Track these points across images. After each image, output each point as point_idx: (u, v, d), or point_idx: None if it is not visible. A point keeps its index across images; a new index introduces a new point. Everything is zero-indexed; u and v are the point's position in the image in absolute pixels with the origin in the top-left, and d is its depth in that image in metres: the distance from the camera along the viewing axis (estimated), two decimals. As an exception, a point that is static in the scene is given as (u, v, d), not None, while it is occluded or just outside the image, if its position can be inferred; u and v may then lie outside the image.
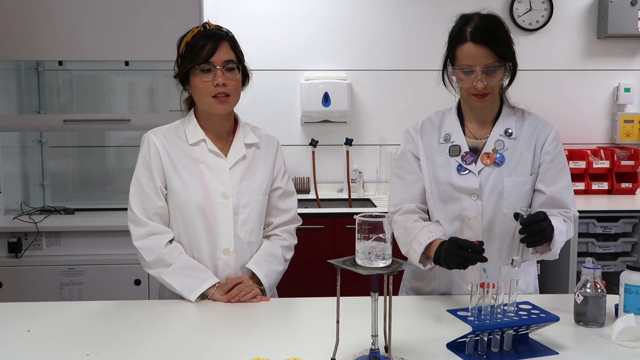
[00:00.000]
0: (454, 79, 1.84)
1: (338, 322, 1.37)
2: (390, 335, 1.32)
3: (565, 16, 3.99)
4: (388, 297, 1.31)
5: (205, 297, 1.84)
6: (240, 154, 1.92)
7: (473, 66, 1.76)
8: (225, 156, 1.91)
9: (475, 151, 1.89)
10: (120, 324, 1.67)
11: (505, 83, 1.87)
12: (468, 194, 1.85)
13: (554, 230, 1.70)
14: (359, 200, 3.76)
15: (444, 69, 1.88)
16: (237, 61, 1.86)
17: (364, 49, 3.94)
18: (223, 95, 1.82)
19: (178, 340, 1.54)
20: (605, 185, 3.78)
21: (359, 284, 2.08)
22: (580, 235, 3.35)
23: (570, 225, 1.83)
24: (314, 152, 3.85)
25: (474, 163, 1.87)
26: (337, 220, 3.26)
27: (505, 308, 1.46)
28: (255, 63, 3.82)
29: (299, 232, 2.12)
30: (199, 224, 1.86)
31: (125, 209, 1.91)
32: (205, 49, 1.79)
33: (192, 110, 1.94)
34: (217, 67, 1.81)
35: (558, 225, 1.74)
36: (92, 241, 2.99)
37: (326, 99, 3.78)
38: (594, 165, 3.77)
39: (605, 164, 3.78)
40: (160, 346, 1.51)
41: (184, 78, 1.86)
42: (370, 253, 1.30)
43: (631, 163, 3.77)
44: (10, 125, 3.17)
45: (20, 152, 3.48)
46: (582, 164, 3.75)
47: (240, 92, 1.90)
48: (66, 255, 2.97)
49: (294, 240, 2.05)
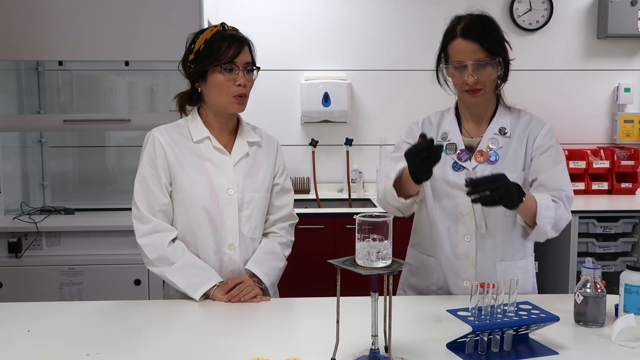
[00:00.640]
0: (449, 77, 1.89)
1: (338, 322, 1.37)
2: (390, 335, 1.32)
3: (565, 16, 3.99)
4: (388, 297, 1.31)
5: (207, 297, 1.84)
6: (244, 151, 1.95)
7: (464, 61, 1.80)
8: (229, 153, 1.93)
9: (471, 149, 1.92)
10: (121, 324, 1.67)
11: (499, 80, 1.90)
12: (462, 190, 1.86)
13: (521, 195, 1.68)
14: (359, 200, 3.77)
15: (438, 67, 1.92)
16: (254, 64, 1.91)
17: (364, 49, 3.94)
18: (242, 96, 1.87)
19: (178, 340, 1.54)
20: (605, 185, 3.79)
21: (359, 284, 2.09)
22: (580, 235, 3.35)
23: (562, 206, 1.81)
24: (314, 152, 3.85)
25: (469, 160, 1.90)
26: (337, 220, 3.26)
27: (505, 308, 1.46)
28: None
29: (299, 232, 2.12)
30: (205, 219, 1.88)
31: (125, 209, 1.92)
32: (231, 49, 1.83)
33: (196, 109, 1.96)
34: (240, 68, 1.85)
35: (542, 199, 1.75)
36: (92, 241, 2.99)
37: (326, 99, 3.78)
38: (594, 165, 3.77)
39: (605, 164, 3.79)
40: (160, 346, 1.51)
41: (197, 75, 1.88)
42: (370, 253, 1.30)
43: (631, 163, 3.77)
44: (10, 125, 3.18)
45: (20, 152, 3.48)
46: (582, 164, 3.75)
47: None
48: (66, 255, 2.97)
49: (290, 237, 2.06)
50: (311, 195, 3.79)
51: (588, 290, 1.61)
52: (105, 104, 3.66)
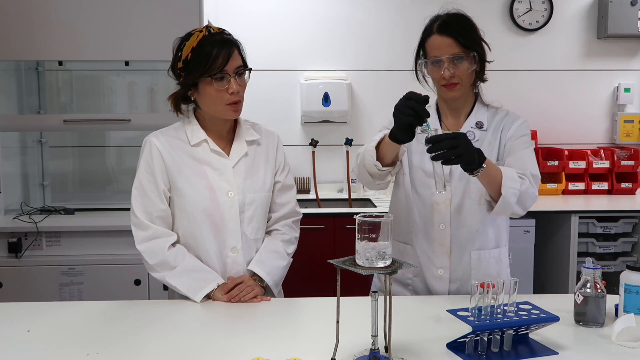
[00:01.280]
0: (427, 74, 1.95)
1: (338, 322, 1.37)
2: (390, 335, 1.32)
3: (565, 16, 3.99)
4: (388, 297, 1.31)
5: (209, 297, 1.84)
6: (242, 152, 1.93)
7: (440, 56, 1.87)
8: (228, 155, 1.91)
9: None
10: (121, 324, 1.67)
11: (477, 80, 1.95)
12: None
13: (481, 159, 1.68)
14: (359, 200, 3.77)
15: (416, 64, 1.98)
16: (245, 65, 1.87)
17: (364, 49, 3.94)
18: (236, 102, 1.84)
19: (178, 340, 1.54)
20: (605, 185, 3.78)
21: (359, 284, 2.09)
22: (580, 235, 3.35)
23: (526, 182, 1.81)
24: (314, 152, 3.85)
25: None
26: (337, 220, 3.26)
27: (505, 308, 1.46)
28: (255, 63, 3.82)
29: (299, 232, 2.11)
30: (206, 223, 1.87)
31: (125, 209, 1.91)
32: (219, 57, 1.77)
33: (192, 111, 1.94)
34: (231, 75, 1.80)
35: (507, 171, 1.77)
36: (92, 241, 2.99)
37: (326, 99, 3.78)
38: (594, 165, 3.77)
39: (605, 164, 3.78)
40: (160, 346, 1.51)
41: (189, 85, 1.84)
42: (370, 253, 1.30)
43: (631, 163, 3.77)
44: (10, 125, 3.18)
45: (20, 152, 3.48)
46: (582, 164, 3.75)
47: None
48: (66, 255, 2.97)
49: (294, 233, 2.04)
50: (311, 195, 3.79)
51: (588, 290, 1.61)
52: (105, 104, 3.66)
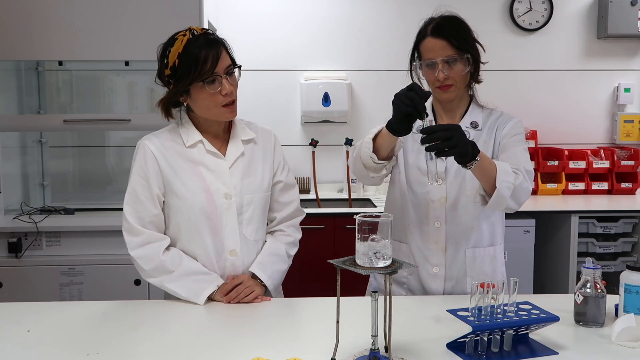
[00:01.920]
0: (422, 76, 1.96)
1: (338, 322, 1.37)
2: (390, 335, 1.32)
3: (565, 16, 3.99)
4: (388, 297, 1.31)
5: (210, 299, 1.82)
6: (239, 151, 1.89)
7: (433, 58, 1.88)
8: (224, 155, 1.88)
9: None
10: (120, 324, 1.67)
11: (472, 80, 1.96)
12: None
13: (475, 151, 1.67)
14: (359, 200, 3.77)
15: (411, 66, 1.99)
16: (233, 63, 1.82)
17: (364, 49, 3.94)
18: (231, 102, 1.80)
19: (178, 340, 1.54)
20: (605, 185, 3.79)
21: (359, 284, 2.09)
22: (580, 235, 3.36)
23: (520, 176, 1.81)
24: (314, 152, 3.85)
25: None
26: (337, 220, 3.26)
27: (505, 308, 1.46)
28: (255, 63, 3.87)
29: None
30: (204, 227, 1.83)
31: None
32: (208, 60, 1.72)
33: (186, 112, 1.89)
34: (222, 76, 1.76)
35: (501, 165, 1.77)
36: (92, 241, 2.99)
37: (326, 99, 3.78)
38: (594, 165, 3.77)
39: (605, 164, 3.79)
40: (160, 346, 1.51)
41: (180, 92, 1.79)
42: (370, 253, 1.30)
43: (631, 163, 3.77)
44: (10, 125, 3.17)
45: (20, 152, 3.48)
46: (582, 164, 3.75)
47: None
48: (66, 255, 2.97)
49: (298, 235, 2.02)
50: (311, 195, 3.79)
51: (588, 290, 1.61)
52: (105, 104, 3.66)
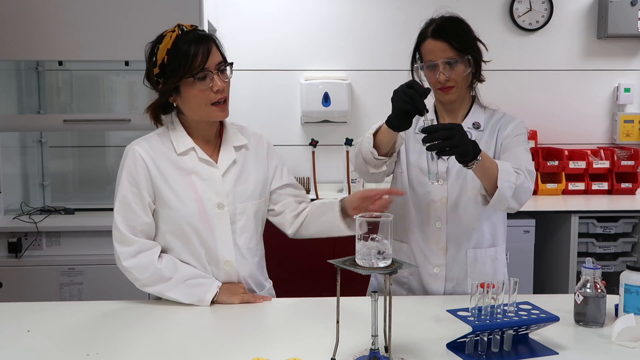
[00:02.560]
0: (423, 78, 1.96)
1: (338, 322, 1.37)
2: (390, 335, 1.32)
3: (565, 16, 3.99)
4: (388, 297, 1.31)
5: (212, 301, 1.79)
6: (231, 158, 1.82)
7: (434, 60, 1.88)
8: (216, 162, 1.80)
9: None
10: (120, 324, 1.67)
11: (474, 80, 1.95)
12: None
13: (477, 151, 1.67)
14: (359, 200, 3.76)
15: (412, 68, 1.98)
16: (225, 61, 1.75)
17: (364, 49, 3.94)
18: (222, 101, 1.73)
19: (178, 341, 1.54)
20: (605, 185, 3.78)
21: (359, 284, 2.09)
22: (580, 235, 3.36)
23: (522, 176, 1.80)
24: (314, 152, 3.85)
25: None
26: (337, 220, 3.25)
27: (505, 308, 1.46)
28: (255, 63, 3.88)
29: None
30: (196, 237, 1.78)
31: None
32: (198, 55, 1.66)
33: (177, 116, 1.82)
34: (213, 72, 1.69)
35: (503, 164, 1.76)
36: (92, 241, 2.99)
37: (326, 99, 3.78)
38: (594, 165, 3.77)
39: (605, 164, 3.78)
40: (160, 346, 1.51)
41: (169, 90, 1.72)
42: (370, 253, 1.30)
43: (631, 163, 3.77)
44: (10, 125, 3.18)
45: (20, 152, 3.48)
46: (582, 164, 3.75)
47: None
48: (66, 255, 2.97)
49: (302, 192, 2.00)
50: (311, 196, 3.78)
51: (588, 290, 1.61)
52: (105, 104, 3.66)
